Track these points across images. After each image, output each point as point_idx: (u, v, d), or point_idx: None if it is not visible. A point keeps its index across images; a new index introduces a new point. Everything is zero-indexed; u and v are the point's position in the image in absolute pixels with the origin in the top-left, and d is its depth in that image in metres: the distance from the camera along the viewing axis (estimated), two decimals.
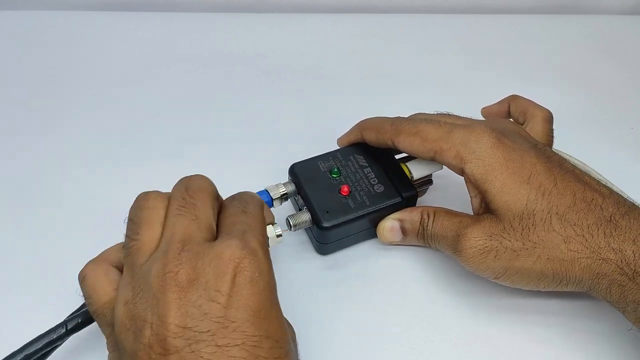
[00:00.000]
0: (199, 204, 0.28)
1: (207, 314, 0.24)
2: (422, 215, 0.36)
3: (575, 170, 0.33)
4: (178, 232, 0.26)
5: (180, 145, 0.46)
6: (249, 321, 0.25)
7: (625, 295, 0.29)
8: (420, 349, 0.34)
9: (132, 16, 0.58)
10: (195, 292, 0.25)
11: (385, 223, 0.37)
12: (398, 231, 0.37)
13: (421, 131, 0.34)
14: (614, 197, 0.31)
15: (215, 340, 0.24)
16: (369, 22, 0.59)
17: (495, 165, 0.32)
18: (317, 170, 0.37)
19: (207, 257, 0.25)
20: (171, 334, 0.24)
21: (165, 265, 0.25)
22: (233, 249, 0.26)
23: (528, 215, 0.31)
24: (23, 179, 0.43)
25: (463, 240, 0.32)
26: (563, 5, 0.62)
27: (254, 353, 0.24)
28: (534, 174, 0.31)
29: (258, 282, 0.25)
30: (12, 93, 0.50)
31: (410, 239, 0.37)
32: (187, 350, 0.23)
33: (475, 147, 0.32)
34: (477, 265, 0.32)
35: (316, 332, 0.34)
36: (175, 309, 0.24)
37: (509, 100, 0.41)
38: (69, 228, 0.40)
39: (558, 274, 0.30)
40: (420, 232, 0.36)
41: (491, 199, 0.32)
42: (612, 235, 0.29)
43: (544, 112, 0.38)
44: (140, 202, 0.28)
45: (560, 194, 0.31)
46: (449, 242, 0.34)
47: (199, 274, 0.25)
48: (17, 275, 0.37)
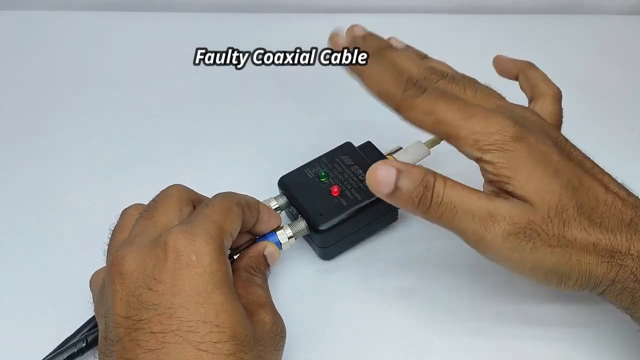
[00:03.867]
0: (160, 207, 0.29)
1: (145, 302, 0.25)
2: (426, 174, 0.28)
3: (594, 169, 0.30)
4: (133, 231, 0.28)
5: (180, 146, 0.46)
6: (184, 306, 0.25)
7: (635, 302, 0.28)
8: (421, 350, 0.34)
9: (132, 16, 0.58)
10: (134, 282, 0.26)
11: (379, 164, 0.29)
12: (391, 181, 0.28)
13: (437, 112, 0.29)
14: (632, 200, 0.30)
15: (151, 327, 0.24)
16: (369, 22, 0.58)
17: (517, 158, 0.28)
18: (306, 178, 0.37)
19: (149, 248, 0.26)
20: (115, 324, 0.25)
21: (112, 260, 0.27)
22: (173, 235, 0.26)
23: (562, 209, 0.28)
24: (23, 179, 0.43)
25: (497, 221, 0.27)
26: (563, 5, 0.62)
27: (187, 338, 0.24)
28: (560, 170, 0.29)
29: (195, 266, 0.26)
30: (12, 93, 0.50)
31: (400, 199, 0.29)
32: (127, 339, 0.24)
33: (496, 139, 0.28)
34: (507, 254, 0.28)
35: (316, 333, 0.34)
36: (118, 299, 0.25)
37: (520, 67, 0.37)
38: (69, 228, 0.40)
39: (582, 277, 0.28)
40: (424, 197, 0.28)
41: (519, 185, 0.28)
42: (632, 240, 0.28)
43: (555, 89, 0.36)
44: (121, 213, 0.31)
45: (585, 193, 0.29)
46: (473, 220, 0.27)
47: (139, 264, 0.26)
48: (16, 276, 0.37)
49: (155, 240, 0.27)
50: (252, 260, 0.33)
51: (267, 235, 0.35)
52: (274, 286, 0.37)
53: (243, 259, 0.33)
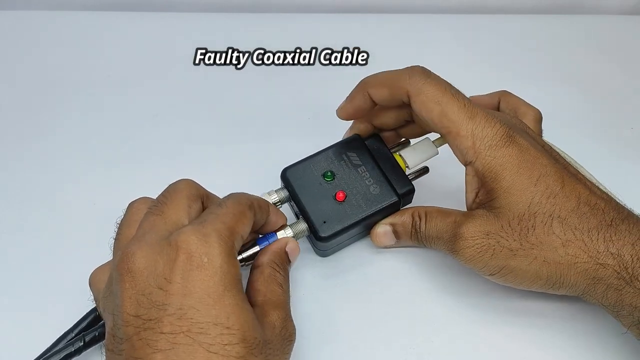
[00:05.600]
0: (169, 203, 0.29)
1: (155, 302, 0.25)
2: (413, 217, 0.36)
3: (578, 175, 0.33)
4: (142, 227, 0.28)
5: (180, 146, 0.46)
6: (195, 307, 0.25)
7: (622, 299, 0.29)
8: (421, 350, 0.34)
9: (132, 16, 0.58)
10: (145, 281, 0.25)
11: (378, 229, 0.37)
12: (391, 235, 0.37)
13: (445, 103, 0.32)
14: (614, 203, 0.31)
15: (161, 327, 0.24)
16: (369, 22, 0.59)
17: (507, 165, 0.31)
18: (310, 175, 0.36)
19: (159, 246, 0.26)
20: (124, 322, 0.25)
21: (122, 256, 0.26)
22: (185, 235, 0.26)
23: (529, 216, 0.30)
24: (22, 179, 0.43)
25: (460, 240, 0.32)
26: (563, 5, 0.62)
27: (198, 340, 0.24)
28: (543, 175, 0.31)
29: (207, 268, 0.26)
30: (12, 93, 0.50)
31: (404, 241, 0.37)
32: (136, 338, 0.24)
33: (491, 143, 0.31)
34: (474, 262, 0.32)
35: (316, 333, 0.34)
36: (127, 298, 0.25)
37: (499, 95, 0.40)
38: (69, 228, 0.40)
39: (552, 277, 0.30)
40: (414, 234, 0.36)
41: (496, 196, 0.31)
42: (611, 240, 0.29)
43: (535, 111, 0.38)
44: (127, 207, 0.30)
45: (565, 197, 0.31)
46: (444, 242, 0.34)
47: (149, 263, 0.26)
48: (15, 276, 0.37)
49: (166, 238, 0.26)
50: (276, 256, 0.33)
51: (268, 235, 0.34)
52: None
53: (266, 254, 0.33)
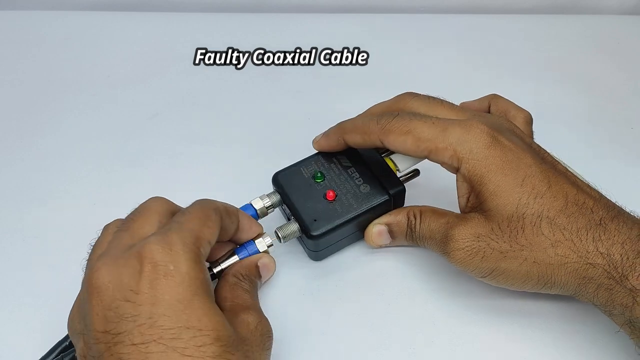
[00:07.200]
0: (138, 219, 0.29)
1: (122, 315, 0.25)
2: (408, 216, 0.36)
3: (567, 173, 0.33)
4: (109, 244, 0.28)
5: (179, 146, 0.46)
6: (165, 315, 0.25)
7: (613, 299, 0.29)
8: (421, 350, 0.34)
9: (132, 16, 0.58)
10: (111, 295, 0.25)
11: (373, 228, 0.36)
12: (386, 235, 0.36)
13: (413, 130, 0.33)
14: (604, 201, 0.31)
15: (132, 339, 0.24)
16: (369, 22, 0.59)
17: (492, 167, 0.31)
18: (301, 177, 0.37)
19: (124, 259, 0.26)
20: (94, 340, 0.25)
21: (88, 274, 0.26)
22: (149, 245, 0.26)
23: (517, 218, 0.30)
24: (22, 179, 0.43)
25: (451, 242, 0.32)
26: (563, 5, 0.62)
27: (171, 345, 0.24)
28: (529, 176, 0.31)
29: (174, 275, 0.26)
30: (12, 93, 0.50)
31: (399, 241, 0.37)
32: (107, 354, 0.24)
33: (472, 147, 0.32)
34: (465, 265, 0.32)
35: (315, 334, 0.34)
36: (95, 315, 0.25)
37: (489, 99, 0.40)
38: (69, 228, 0.40)
39: (543, 277, 0.30)
40: (409, 233, 0.36)
41: (484, 200, 0.32)
42: (600, 239, 0.29)
43: (525, 113, 0.38)
44: (102, 229, 0.30)
45: (553, 196, 0.31)
46: (437, 243, 0.34)
47: (114, 276, 0.26)
48: (15, 276, 0.37)
49: (129, 249, 0.26)
50: (243, 268, 0.33)
51: (246, 243, 0.34)
52: (272, 286, 0.37)
53: (235, 266, 0.33)
